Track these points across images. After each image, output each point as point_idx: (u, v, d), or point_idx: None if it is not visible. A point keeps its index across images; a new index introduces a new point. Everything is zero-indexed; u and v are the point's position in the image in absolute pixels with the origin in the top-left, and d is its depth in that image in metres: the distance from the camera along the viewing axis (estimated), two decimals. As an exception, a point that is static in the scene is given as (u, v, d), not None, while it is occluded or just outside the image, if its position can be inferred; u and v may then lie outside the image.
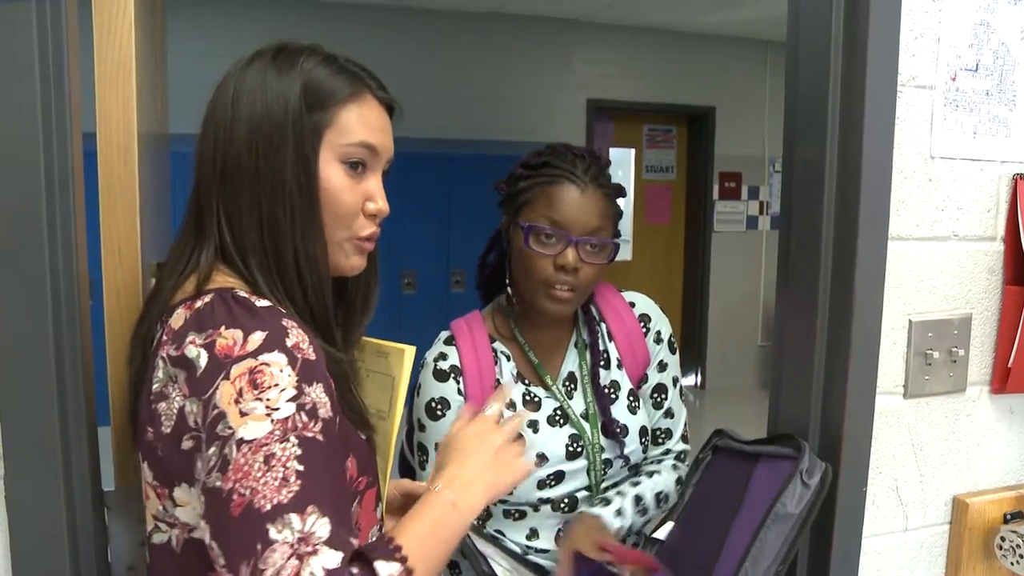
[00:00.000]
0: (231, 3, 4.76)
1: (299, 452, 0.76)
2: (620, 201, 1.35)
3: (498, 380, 1.32)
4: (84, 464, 0.97)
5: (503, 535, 1.32)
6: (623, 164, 6.45)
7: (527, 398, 1.33)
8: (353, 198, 0.92)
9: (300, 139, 0.88)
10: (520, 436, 1.02)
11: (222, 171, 0.89)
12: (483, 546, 1.27)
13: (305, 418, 0.78)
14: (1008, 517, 1.34)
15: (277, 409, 0.76)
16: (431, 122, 4.82)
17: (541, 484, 1.29)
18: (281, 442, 0.75)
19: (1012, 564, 1.30)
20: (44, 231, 0.90)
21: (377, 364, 1.04)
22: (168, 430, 0.81)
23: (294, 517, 0.73)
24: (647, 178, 6.28)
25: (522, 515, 1.33)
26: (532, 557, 1.32)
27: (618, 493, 1.33)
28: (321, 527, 0.73)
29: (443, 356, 1.34)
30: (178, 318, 0.83)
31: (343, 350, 0.96)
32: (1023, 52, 1.29)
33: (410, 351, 1.01)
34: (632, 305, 1.42)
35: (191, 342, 0.79)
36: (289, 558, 0.71)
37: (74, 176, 0.94)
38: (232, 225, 0.89)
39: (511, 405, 1.31)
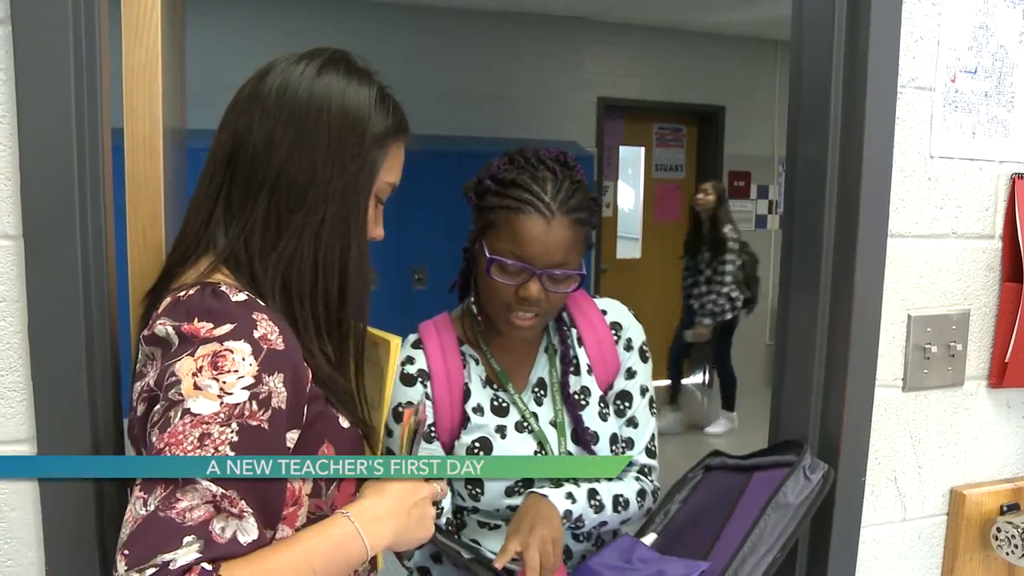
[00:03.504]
0: (243, 2, 4.80)
1: (235, 439, 0.77)
2: (628, 199, 1.34)
3: (467, 384, 1.31)
4: (110, 451, 1.01)
5: (479, 544, 1.31)
6: (633, 162, 6.47)
7: (495, 403, 1.32)
8: (369, 227, 0.98)
9: (370, 162, 0.94)
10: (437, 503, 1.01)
11: (280, 169, 0.90)
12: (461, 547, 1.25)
13: (255, 407, 0.79)
14: (1004, 509, 1.37)
15: (230, 394, 0.78)
16: (443, 120, 4.84)
17: (509, 491, 1.28)
18: (222, 425, 0.77)
19: (1008, 554, 1.33)
20: (76, 219, 0.94)
21: (371, 354, 1.05)
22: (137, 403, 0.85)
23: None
24: (656, 176, 6.29)
25: (497, 526, 1.32)
26: (509, 564, 1.33)
27: (573, 482, 1.30)
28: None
29: (410, 360, 1.31)
30: (164, 303, 0.87)
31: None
32: (1021, 55, 1.32)
33: (396, 341, 1.03)
34: (604, 312, 1.39)
35: (161, 323, 0.83)
36: (207, 502, 0.75)
37: (104, 169, 0.98)
38: (268, 231, 0.90)
39: (478, 410, 1.30)
